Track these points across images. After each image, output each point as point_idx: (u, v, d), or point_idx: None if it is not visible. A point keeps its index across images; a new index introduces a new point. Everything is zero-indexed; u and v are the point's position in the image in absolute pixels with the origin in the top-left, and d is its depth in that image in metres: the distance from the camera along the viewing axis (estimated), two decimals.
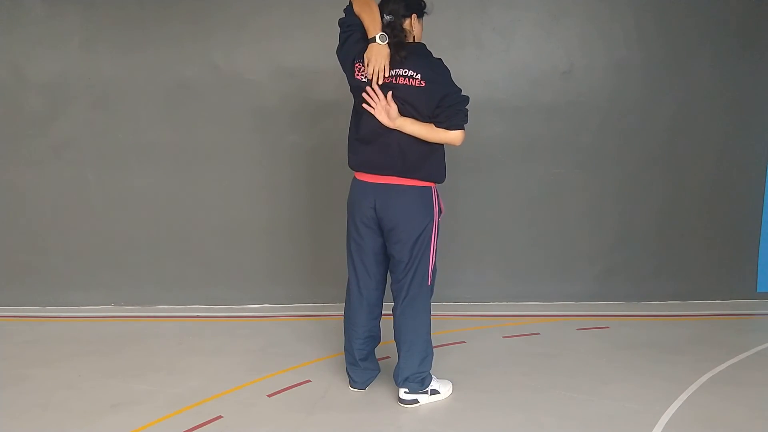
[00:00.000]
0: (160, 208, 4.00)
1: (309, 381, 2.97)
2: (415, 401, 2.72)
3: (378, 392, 2.85)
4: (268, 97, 3.90)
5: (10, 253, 4.04)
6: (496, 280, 4.09)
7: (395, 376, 2.74)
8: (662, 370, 3.07)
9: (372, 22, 2.49)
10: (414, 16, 2.57)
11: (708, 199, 4.04)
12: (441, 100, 2.47)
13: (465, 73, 3.85)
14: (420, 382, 2.71)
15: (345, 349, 2.86)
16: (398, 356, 2.73)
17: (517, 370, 3.09)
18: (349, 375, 2.88)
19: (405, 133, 2.51)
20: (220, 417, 2.64)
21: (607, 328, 3.67)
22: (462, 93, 2.52)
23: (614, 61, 3.90)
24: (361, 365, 2.83)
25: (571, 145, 3.97)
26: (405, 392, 2.71)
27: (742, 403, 2.74)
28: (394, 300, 2.73)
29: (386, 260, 2.74)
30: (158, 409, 2.71)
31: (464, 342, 3.45)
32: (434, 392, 2.77)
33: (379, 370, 2.92)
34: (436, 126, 2.50)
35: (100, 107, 3.92)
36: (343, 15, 2.62)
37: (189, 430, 2.54)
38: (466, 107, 2.53)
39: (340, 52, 2.63)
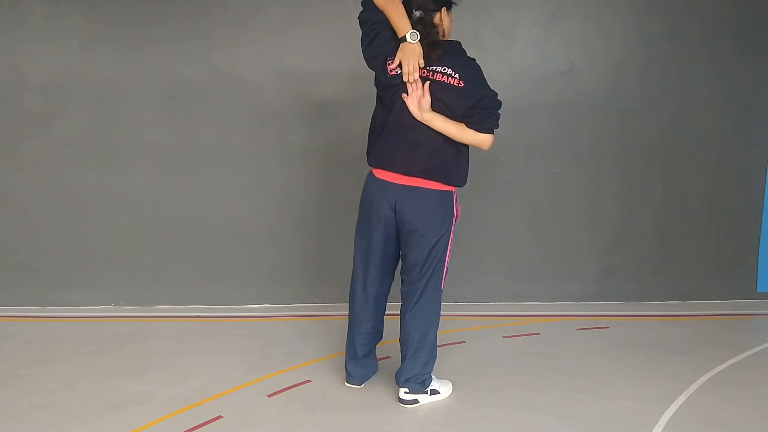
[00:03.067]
0: (159, 208, 4.00)
1: (309, 381, 2.97)
2: (415, 401, 2.72)
3: (378, 392, 2.85)
4: (268, 97, 3.90)
5: (10, 253, 4.04)
6: (496, 280, 4.09)
7: (397, 376, 2.74)
8: (662, 370, 3.07)
9: (400, 18, 2.41)
10: (444, 9, 2.50)
11: (708, 199, 4.04)
12: (478, 101, 2.42)
13: None
14: (421, 383, 2.71)
15: (347, 344, 2.83)
16: (403, 357, 2.72)
17: (517, 370, 3.09)
18: (346, 369, 2.85)
19: (436, 134, 2.45)
20: (220, 417, 2.64)
21: (608, 328, 3.67)
22: (497, 96, 2.47)
23: (614, 61, 3.90)
24: (361, 361, 2.81)
25: (571, 145, 3.97)
26: (405, 392, 2.71)
27: (742, 403, 2.74)
28: (404, 302, 2.70)
29: (396, 260, 2.73)
30: (158, 409, 2.71)
31: (464, 342, 3.45)
32: (434, 392, 2.76)
33: (377, 368, 2.90)
34: (468, 126, 2.45)
35: (100, 107, 3.91)
36: (362, 9, 2.52)
37: (189, 430, 2.54)
38: (499, 111, 2.48)
39: (368, 51, 2.51)
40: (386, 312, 2.84)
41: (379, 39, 2.47)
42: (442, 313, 2.74)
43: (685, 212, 4.05)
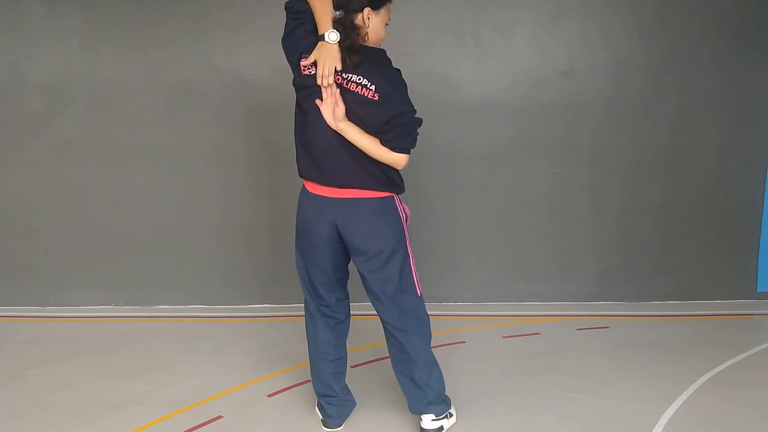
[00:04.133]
0: (160, 208, 4.00)
1: (309, 381, 2.95)
2: (441, 428, 2.48)
3: (378, 392, 2.85)
4: (268, 97, 3.90)
5: (10, 253, 4.04)
6: (496, 280, 4.09)
7: (414, 405, 2.47)
8: (662, 370, 3.07)
9: (324, 14, 2.18)
10: (368, 9, 2.22)
11: (708, 199, 4.04)
12: (393, 117, 2.18)
13: (465, 73, 3.88)
14: (444, 401, 2.49)
15: (316, 382, 2.54)
16: (411, 382, 2.43)
17: (517, 370, 3.09)
18: (323, 410, 2.55)
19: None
20: (220, 417, 2.65)
21: (607, 328, 3.67)
22: (416, 114, 2.24)
23: (615, 61, 3.90)
24: (339, 395, 2.53)
25: (571, 145, 3.97)
26: (432, 419, 2.46)
27: (742, 403, 2.74)
28: (386, 325, 2.42)
29: (346, 274, 2.48)
30: (158, 409, 2.71)
31: (464, 342, 3.45)
32: (450, 415, 2.56)
33: (355, 403, 2.62)
34: (381, 143, 2.21)
35: (100, 107, 3.92)
36: None
37: (189, 430, 2.55)
38: (417, 130, 2.25)
39: (286, 41, 2.30)
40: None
41: (299, 30, 2.25)
42: (442, 312, 2.73)
43: (685, 212, 4.05)
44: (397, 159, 2.23)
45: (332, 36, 2.16)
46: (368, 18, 2.23)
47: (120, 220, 4.00)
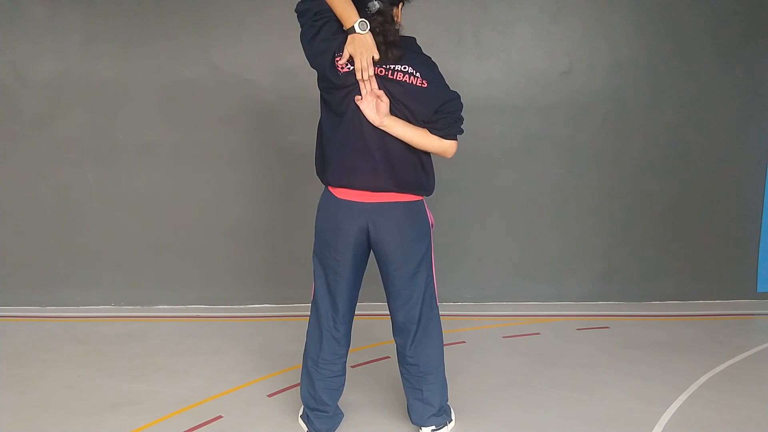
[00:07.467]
0: (159, 208, 4.00)
1: None
2: None
3: (378, 393, 2.85)
4: (268, 97, 3.91)
5: (10, 253, 4.04)
6: (496, 280, 4.09)
7: (416, 417, 2.44)
8: (662, 370, 3.07)
9: (346, 7, 2.11)
10: (401, 3, 2.22)
11: (708, 198, 4.05)
12: (443, 104, 2.18)
13: (465, 73, 3.88)
14: (446, 413, 2.48)
15: (306, 393, 2.43)
16: (416, 394, 2.41)
17: (517, 370, 3.09)
18: (309, 422, 2.45)
19: (396, 140, 2.18)
20: (220, 417, 2.64)
21: (607, 328, 3.67)
22: (461, 99, 2.24)
23: (615, 61, 3.90)
24: (331, 410, 2.44)
25: (572, 145, 3.97)
26: (433, 430, 2.44)
27: (742, 403, 2.74)
28: (401, 335, 2.38)
29: (359, 288, 2.42)
30: (158, 409, 2.71)
31: (464, 342, 3.45)
32: (450, 420, 2.53)
33: (343, 415, 2.54)
34: (431, 132, 2.20)
35: (100, 107, 3.92)
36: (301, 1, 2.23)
37: (189, 430, 2.54)
38: (462, 115, 2.25)
39: (311, 47, 2.18)
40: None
41: (324, 32, 2.16)
42: (442, 312, 2.69)
43: (685, 212, 4.05)
44: (448, 146, 2.23)
45: (362, 26, 2.09)
46: (400, 11, 2.23)
47: (120, 220, 4.00)
